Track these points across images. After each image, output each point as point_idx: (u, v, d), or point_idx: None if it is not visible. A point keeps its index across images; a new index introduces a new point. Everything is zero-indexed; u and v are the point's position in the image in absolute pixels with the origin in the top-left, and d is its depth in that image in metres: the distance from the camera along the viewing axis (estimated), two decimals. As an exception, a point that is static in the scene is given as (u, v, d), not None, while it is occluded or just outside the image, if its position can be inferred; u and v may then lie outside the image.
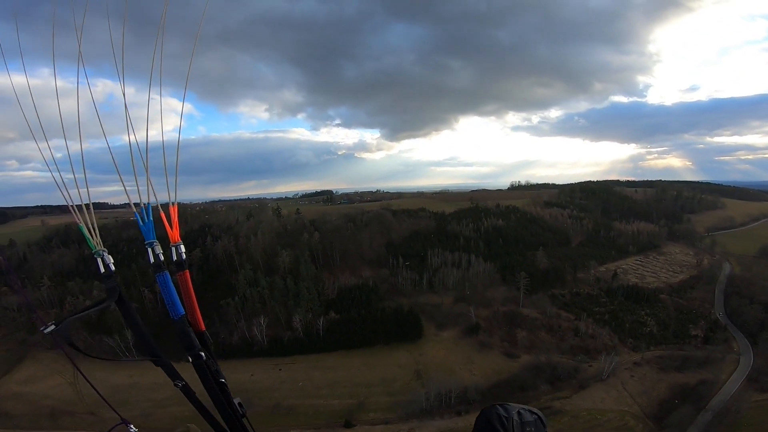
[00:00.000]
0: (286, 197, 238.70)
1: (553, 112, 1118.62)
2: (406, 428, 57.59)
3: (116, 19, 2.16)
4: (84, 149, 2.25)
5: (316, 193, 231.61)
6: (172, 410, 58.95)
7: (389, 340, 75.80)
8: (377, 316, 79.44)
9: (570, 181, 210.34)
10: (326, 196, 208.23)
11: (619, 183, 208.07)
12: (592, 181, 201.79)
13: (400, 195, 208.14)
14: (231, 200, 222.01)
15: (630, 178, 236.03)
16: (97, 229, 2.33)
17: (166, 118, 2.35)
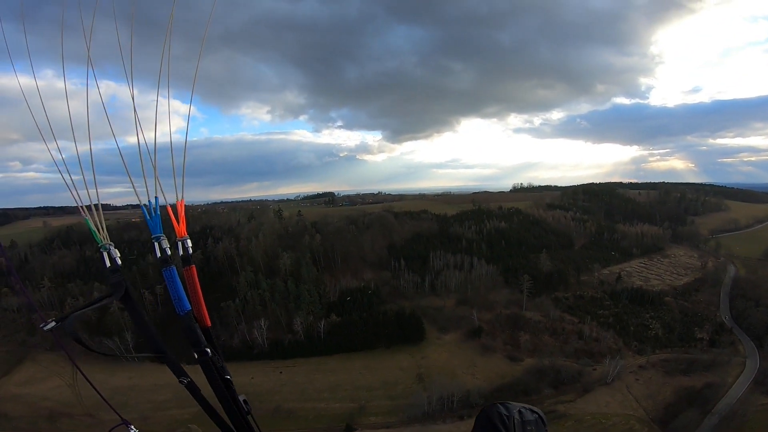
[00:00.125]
0: (287, 199, 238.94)
1: (555, 114, 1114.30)
2: (408, 432, 57.07)
3: (121, 21, 2.24)
4: (86, 151, 2.31)
5: (318, 195, 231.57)
6: (172, 413, 58.75)
7: (391, 343, 75.45)
8: (379, 318, 79.02)
9: (572, 184, 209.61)
10: (328, 198, 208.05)
11: (622, 185, 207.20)
12: (594, 183, 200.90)
13: (401, 197, 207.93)
14: (233, 202, 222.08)
15: (632, 180, 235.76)
16: (104, 223, 2.32)
17: (170, 120, 2.41)
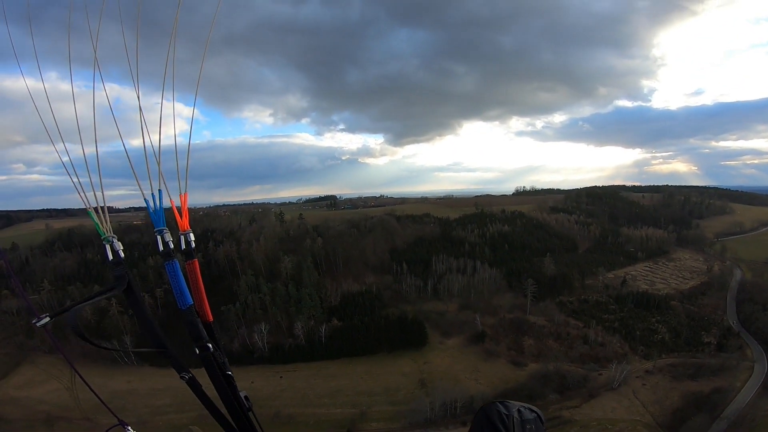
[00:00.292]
0: (289, 202, 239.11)
1: (557, 117, 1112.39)
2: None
3: (126, 24, 2.24)
4: (90, 152, 2.30)
5: (320, 198, 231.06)
6: (170, 417, 58.34)
7: (393, 348, 74.71)
8: (381, 323, 78.28)
9: (575, 187, 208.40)
10: (330, 201, 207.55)
11: (625, 188, 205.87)
12: (597, 187, 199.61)
13: (403, 200, 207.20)
14: (235, 205, 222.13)
15: (636, 183, 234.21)
16: (107, 216, 2.25)
17: (172, 123, 2.38)
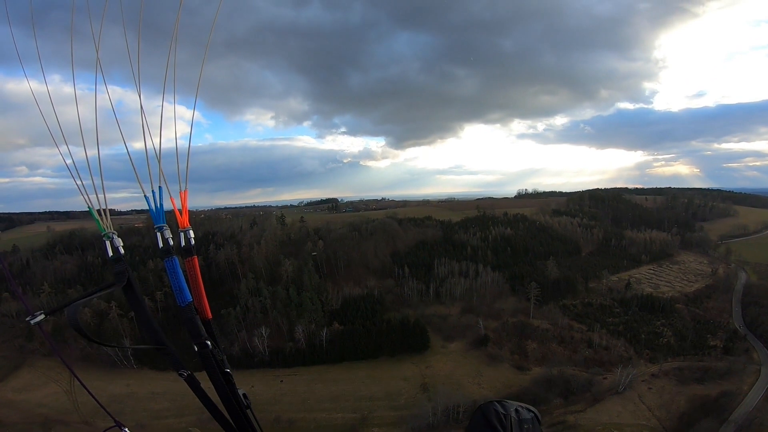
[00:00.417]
0: (291, 205, 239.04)
1: (559, 120, 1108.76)
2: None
3: (128, 27, 2.27)
4: (93, 155, 2.33)
5: (322, 201, 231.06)
6: (169, 422, 57.82)
7: (394, 353, 73.90)
8: (382, 327, 77.48)
9: (576, 189, 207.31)
10: (331, 204, 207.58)
11: (628, 191, 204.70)
12: (600, 189, 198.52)
13: (405, 203, 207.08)
14: (236, 208, 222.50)
15: (638, 186, 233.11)
16: (108, 212, 2.25)
17: (174, 124, 2.43)
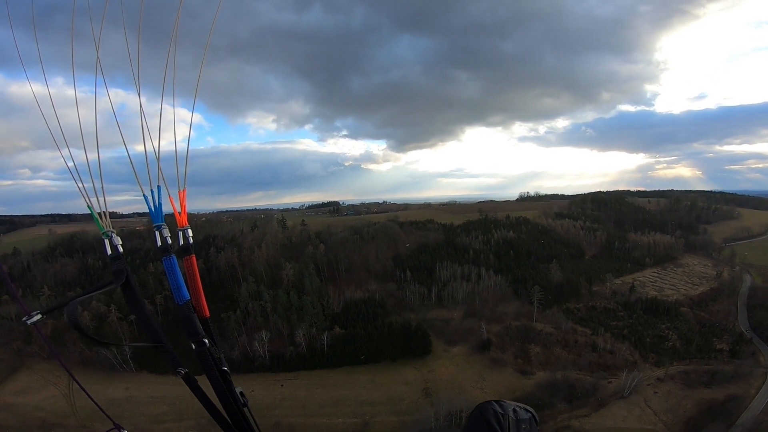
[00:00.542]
0: (292, 208, 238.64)
1: (560, 122, 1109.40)
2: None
3: (131, 30, 2.25)
4: (95, 157, 2.35)
5: (323, 205, 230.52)
6: (168, 426, 57.28)
7: (396, 357, 73.09)
8: (384, 331, 76.64)
9: (578, 192, 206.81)
10: (333, 208, 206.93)
11: (630, 193, 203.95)
12: (602, 192, 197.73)
13: (407, 206, 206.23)
14: (238, 211, 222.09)
15: (640, 188, 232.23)
16: (107, 212, 2.25)
17: (176, 129, 2.43)
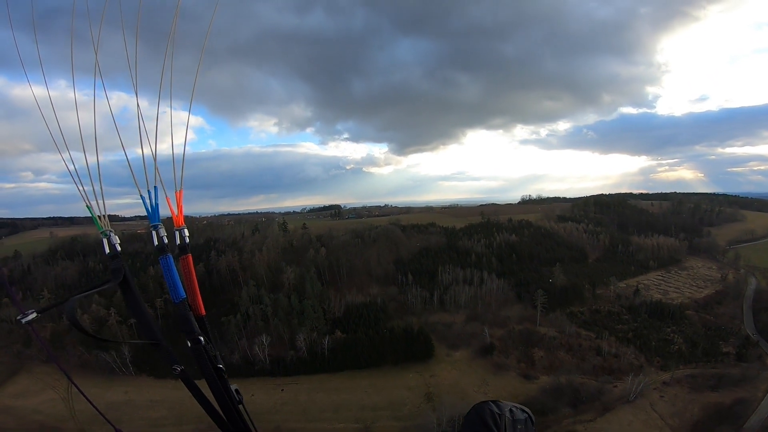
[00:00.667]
0: (293, 211, 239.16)
1: (562, 125, 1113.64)
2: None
3: (130, 33, 2.27)
4: (94, 161, 2.36)
5: (324, 208, 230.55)
6: (167, 430, 56.91)
7: (398, 361, 72.21)
8: (385, 335, 75.87)
9: (580, 195, 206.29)
10: (334, 211, 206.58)
11: (633, 196, 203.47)
12: (605, 194, 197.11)
13: (408, 209, 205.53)
14: (239, 214, 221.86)
15: (642, 191, 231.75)
16: (106, 212, 2.28)
17: (176, 131, 2.42)
